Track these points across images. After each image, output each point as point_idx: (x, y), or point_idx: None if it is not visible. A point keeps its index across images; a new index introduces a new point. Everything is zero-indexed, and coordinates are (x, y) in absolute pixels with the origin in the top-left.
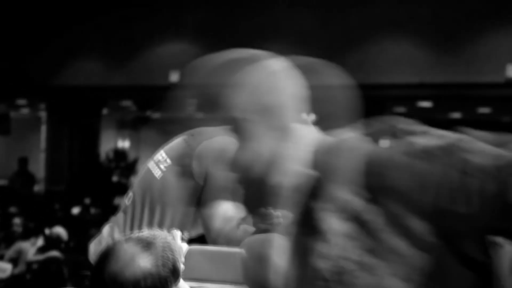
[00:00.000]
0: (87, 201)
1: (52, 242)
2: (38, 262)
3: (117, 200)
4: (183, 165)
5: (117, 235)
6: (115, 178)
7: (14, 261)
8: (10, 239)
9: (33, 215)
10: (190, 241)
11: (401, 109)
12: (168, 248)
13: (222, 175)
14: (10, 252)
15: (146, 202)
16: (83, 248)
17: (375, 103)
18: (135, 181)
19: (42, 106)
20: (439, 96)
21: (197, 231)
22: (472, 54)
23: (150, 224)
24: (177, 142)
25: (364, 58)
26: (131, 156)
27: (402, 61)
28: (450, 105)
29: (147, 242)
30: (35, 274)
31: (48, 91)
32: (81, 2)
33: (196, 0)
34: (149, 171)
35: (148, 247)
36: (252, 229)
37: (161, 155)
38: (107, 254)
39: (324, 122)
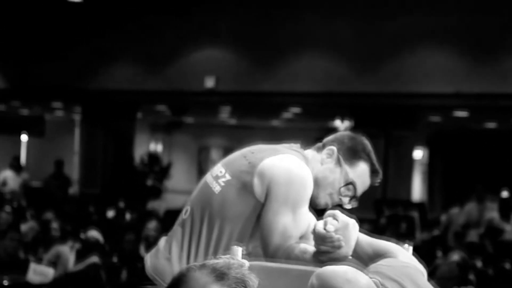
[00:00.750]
0: (122, 204)
1: (90, 247)
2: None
3: (151, 204)
4: (243, 182)
5: (175, 249)
6: (149, 182)
7: (53, 264)
8: (48, 242)
9: (69, 218)
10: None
11: (437, 119)
12: (241, 281)
13: (284, 194)
14: (48, 256)
15: (205, 217)
16: (119, 252)
17: (410, 112)
18: (193, 195)
19: (77, 109)
20: (474, 106)
21: (255, 245)
22: (509, 65)
23: (208, 240)
24: (236, 157)
25: (399, 67)
26: (164, 160)
27: (438, 71)
28: (486, 115)
29: (220, 272)
30: (74, 278)
31: (83, 95)
32: (118, 8)
33: (231, 6)
34: (207, 186)
35: (221, 278)
36: (311, 248)
37: (219, 170)
38: (179, 281)
39: None
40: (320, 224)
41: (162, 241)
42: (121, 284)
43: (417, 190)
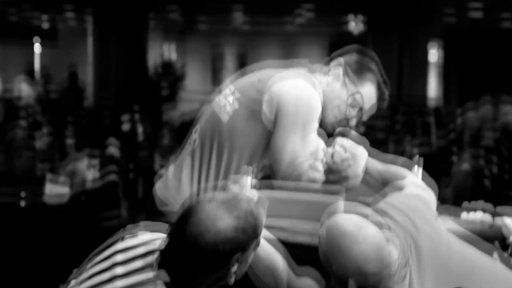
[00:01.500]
0: (136, 117)
1: (107, 163)
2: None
3: (166, 116)
4: (251, 110)
5: (185, 179)
6: (164, 92)
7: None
8: (64, 152)
9: (85, 132)
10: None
11: (451, 20)
12: (250, 213)
13: (292, 120)
14: (64, 172)
15: (214, 146)
16: (135, 167)
17: (425, 13)
18: (201, 123)
19: (89, 18)
20: (489, 6)
21: (265, 173)
22: None
23: (218, 168)
24: (245, 84)
25: None
26: (178, 68)
27: None
28: (501, 14)
29: (230, 205)
30: (92, 197)
31: (92, 2)
32: None
33: None
34: (215, 115)
35: (230, 211)
36: (321, 168)
37: (227, 98)
38: (188, 214)
39: None
40: (328, 154)
41: (171, 169)
42: (138, 201)
43: (433, 92)
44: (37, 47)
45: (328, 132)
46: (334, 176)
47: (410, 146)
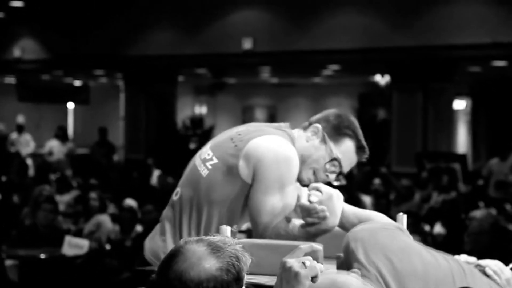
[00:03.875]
0: (163, 169)
1: (128, 215)
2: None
3: None
4: (230, 165)
5: (168, 230)
6: (192, 146)
7: (93, 233)
8: (89, 212)
9: (112, 185)
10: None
11: (476, 69)
12: (235, 256)
13: (270, 174)
14: (89, 226)
15: (194, 199)
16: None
17: (448, 64)
18: (183, 177)
19: (120, 75)
20: None
21: (244, 225)
22: None
23: (199, 222)
24: (223, 140)
25: (435, 19)
26: (208, 122)
27: (474, 21)
28: None
29: (216, 246)
30: (116, 246)
31: (124, 62)
32: None
33: None
34: (195, 168)
35: (216, 251)
36: (299, 222)
37: (207, 152)
38: (176, 252)
39: None
40: (304, 197)
41: (158, 225)
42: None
43: (462, 140)
44: (70, 105)
45: (304, 185)
46: (312, 218)
47: (437, 193)
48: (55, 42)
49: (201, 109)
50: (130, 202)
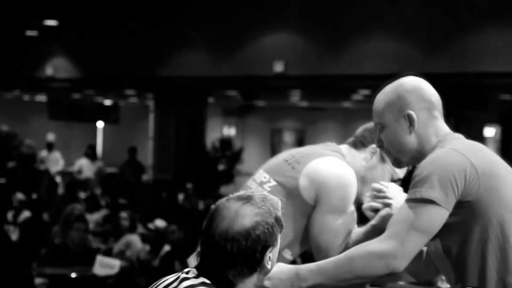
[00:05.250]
0: (190, 188)
1: (157, 236)
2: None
3: (223, 189)
4: (289, 187)
5: None
6: (221, 167)
7: (122, 254)
8: (119, 231)
9: (141, 205)
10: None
11: (508, 97)
12: (266, 199)
13: (334, 197)
14: (119, 245)
15: None
16: (191, 239)
17: (480, 91)
18: None
19: (150, 95)
20: None
21: (305, 248)
22: None
23: None
24: (278, 163)
25: (469, 46)
26: (237, 144)
27: (507, 49)
28: None
29: (246, 196)
30: (144, 265)
31: (155, 82)
32: None
33: None
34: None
35: (248, 201)
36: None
37: (263, 176)
38: (211, 217)
39: None
40: (371, 189)
41: None
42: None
43: None
44: (99, 124)
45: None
46: (377, 202)
47: None
48: (87, 61)
49: (230, 131)
50: (159, 222)
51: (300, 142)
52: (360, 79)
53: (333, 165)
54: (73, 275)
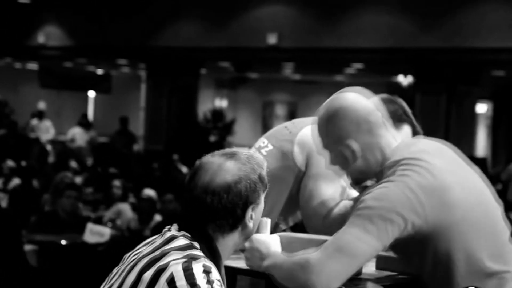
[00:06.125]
0: (175, 157)
1: (146, 205)
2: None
3: None
4: (284, 150)
5: None
6: (212, 138)
7: (113, 221)
8: (110, 200)
9: (132, 175)
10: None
11: (501, 73)
12: (251, 157)
13: (322, 162)
14: (109, 213)
15: None
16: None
17: (474, 67)
18: None
19: (142, 65)
20: None
21: (296, 219)
22: None
23: None
24: (278, 128)
25: (463, 22)
26: (229, 115)
27: (502, 25)
28: None
29: (230, 152)
30: (134, 234)
31: (148, 52)
32: None
33: None
34: None
35: (232, 156)
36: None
37: (262, 141)
38: (195, 170)
39: None
40: None
41: None
42: None
43: (482, 144)
44: (91, 93)
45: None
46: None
47: None
48: (79, 30)
49: (222, 103)
50: (149, 192)
51: (292, 115)
52: (354, 52)
53: None
54: (63, 242)
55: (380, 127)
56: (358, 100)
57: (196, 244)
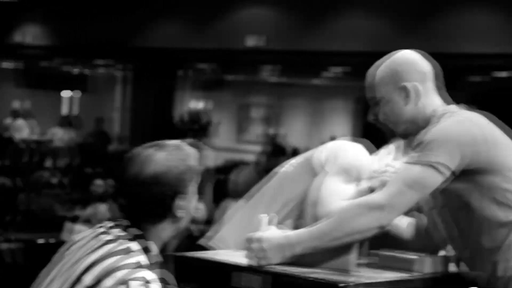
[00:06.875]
0: None
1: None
2: None
3: None
4: (307, 158)
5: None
6: (188, 140)
7: (89, 221)
8: (87, 200)
9: (110, 175)
10: None
11: (477, 79)
12: (180, 148)
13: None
14: (86, 213)
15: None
16: None
17: (451, 72)
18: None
19: (119, 66)
20: None
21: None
22: None
23: (269, 208)
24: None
25: (442, 26)
26: (205, 118)
27: (480, 31)
28: None
29: (161, 144)
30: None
31: (125, 52)
32: None
33: None
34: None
35: (161, 147)
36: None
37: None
38: (129, 161)
39: None
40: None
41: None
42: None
43: None
44: (66, 93)
45: None
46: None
47: None
48: (57, 29)
49: (198, 104)
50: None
51: (268, 118)
52: (333, 56)
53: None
54: (40, 241)
55: (433, 82)
56: (416, 54)
57: (133, 245)
